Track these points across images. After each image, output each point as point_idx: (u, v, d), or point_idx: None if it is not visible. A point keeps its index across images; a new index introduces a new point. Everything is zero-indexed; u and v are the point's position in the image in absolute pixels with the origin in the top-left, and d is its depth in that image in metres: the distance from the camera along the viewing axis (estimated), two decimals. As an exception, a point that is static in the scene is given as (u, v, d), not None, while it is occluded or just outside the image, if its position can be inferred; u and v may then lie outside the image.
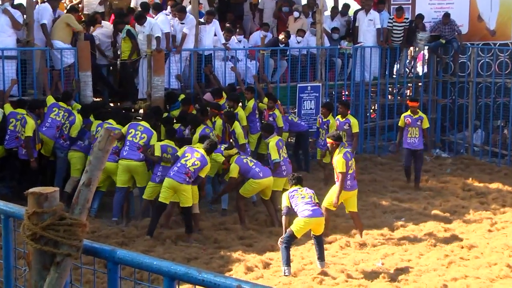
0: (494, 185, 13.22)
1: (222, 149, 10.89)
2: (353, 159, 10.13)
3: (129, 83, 13.27)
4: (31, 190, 2.89)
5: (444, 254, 9.40)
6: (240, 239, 10.04)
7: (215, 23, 13.76)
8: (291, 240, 8.62)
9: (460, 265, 9.04)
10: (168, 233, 9.94)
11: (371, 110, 16.76)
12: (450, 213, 11.39)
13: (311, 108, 14.38)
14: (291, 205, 8.75)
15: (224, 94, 12.75)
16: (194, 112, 12.33)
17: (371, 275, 8.58)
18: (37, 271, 2.89)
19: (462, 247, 9.72)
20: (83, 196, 2.97)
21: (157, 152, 10.44)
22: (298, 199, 8.70)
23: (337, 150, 9.81)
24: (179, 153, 10.04)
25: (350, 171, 9.84)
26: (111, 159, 10.35)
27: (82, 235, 2.91)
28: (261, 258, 9.07)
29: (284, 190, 9.65)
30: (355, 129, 12.28)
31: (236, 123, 11.91)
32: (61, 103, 11.38)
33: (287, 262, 8.46)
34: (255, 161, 10.75)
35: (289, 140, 14.28)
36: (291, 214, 8.86)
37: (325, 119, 12.84)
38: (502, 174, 14.14)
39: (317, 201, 8.87)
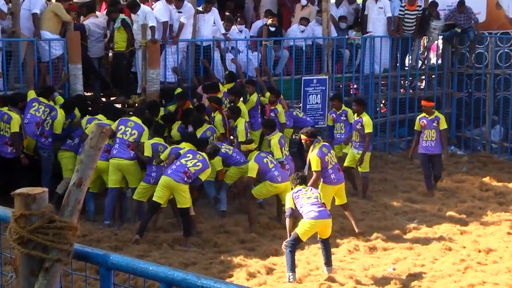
0: (513, 185, 13.22)
1: (222, 150, 11.01)
2: (332, 152, 10.32)
3: (123, 76, 13.28)
4: (18, 190, 2.88)
5: (460, 259, 9.39)
6: (241, 242, 10.05)
7: (214, 11, 13.75)
8: (296, 244, 8.62)
9: (478, 270, 9.04)
10: (164, 237, 9.96)
11: (381, 105, 16.75)
12: (466, 214, 11.38)
13: (317, 103, 14.37)
14: (295, 206, 8.76)
15: (220, 88, 12.78)
16: (190, 106, 12.37)
17: (382, 281, 8.59)
18: (25, 277, 2.89)
19: (480, 251, 9.72)
20: (74, 197, 2.97)
21: (148, 152, 10.45)
22: (303, 199, 8.70)
23: (311, 147, 10.01)
24: (181, 152, 10.08)
25: (330, 166, 10.05)
26: (102, 157, 10.35)
27: (72, 238, 2.90)
28: (264, 263, 9.07)
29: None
30: (368, 129, 12.02)
31: (241, 119, 12.01)
32: (41, 98, 11.32)
33: (292, 267, 8.47)
34: (275, 163, 10.68)
35: (293, 137, 14.29)
36: (295, 216, 8.87)
37: (339, 111, 12.88)
38: (522, 173, 14.15)
39: (323, 201, 8.87)
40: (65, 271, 3.08)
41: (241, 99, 12.78)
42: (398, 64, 16.02)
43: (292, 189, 9.13)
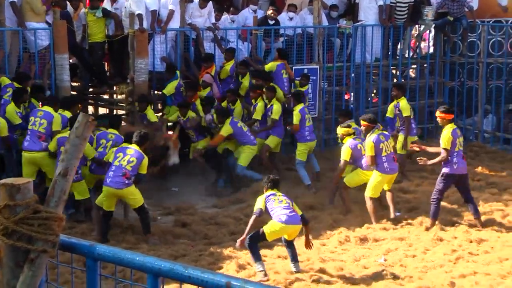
0: (506, 174, 13.28)
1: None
2: (389, 141, 10.63)
3: (100, 67, 13.27)
4: (2, 181, 2.89)
5: (451, 249, 9.46)
6: (231, 234, 10.06)
7: (210, 6, 13.74)
8: (259, 240, 8.47)
9: (469, 260, 9.12)
10: (152, 229, 9.95)
11: (373, 94, 16.77)
12: (458, 204, 11.41)
13: (308, 93, 14.35)
14: (266, 209, 8.58)
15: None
16: (198, 100, 12.66)
17: (373, 272, 8.63)
18: (10, 269, 2.89)
19: (471, 241, 9.79)
20: (59, 188, 2.97)
21: (51, 146, 10.23)
22: (274, 203, 8.52)
23: (370, 133, 10.46)
24: (109, 157, 9.85)
25: (384, 154, 10.43)
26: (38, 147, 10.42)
27: (58, 229, 2.91)
28: (254, 255, 9.08)
29: None
30: (406, 112, 12.55)
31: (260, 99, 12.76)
32: (16, 84, 11.15)
33: (258, 257, 8.38)
34: None
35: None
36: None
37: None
38: (514, 162, 14.20)
39: (296, 208, 8.64)
40: (51, 262, 3.08)
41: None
42: (389, 53, 16.02)
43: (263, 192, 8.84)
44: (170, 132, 12.41)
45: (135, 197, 9.65)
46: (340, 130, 11.06)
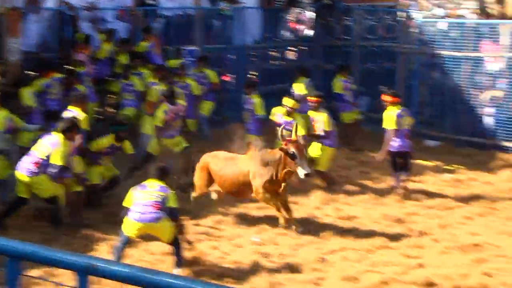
0: (376, 153, 13.90)
1: None
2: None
3: None
4: None
5: (322, 226, 9.90)
6: (106, 216, 10.01)
7: None
8: (128, 242, 8.20)
9: (339, 237, 9.58)
10: (24, 213, 9.79)
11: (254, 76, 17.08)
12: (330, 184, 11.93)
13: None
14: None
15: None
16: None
17: (246, 251, 8.93)
18: None
19: (342, 218, 10.28)
20: None
21: None
22: (137, 197, 8.08)
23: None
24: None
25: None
26: None
27: None
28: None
29: None
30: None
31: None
32: None
33: (118, 256, 8.09)
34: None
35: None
36: None
37: None
38: (386, 143, 14.87)
39: (173, 205, 8.10)
40: None
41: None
42: (268, 36, 16.35)
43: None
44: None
45: (43, 187, 9.23)
46: (289, 103, 11.52)
